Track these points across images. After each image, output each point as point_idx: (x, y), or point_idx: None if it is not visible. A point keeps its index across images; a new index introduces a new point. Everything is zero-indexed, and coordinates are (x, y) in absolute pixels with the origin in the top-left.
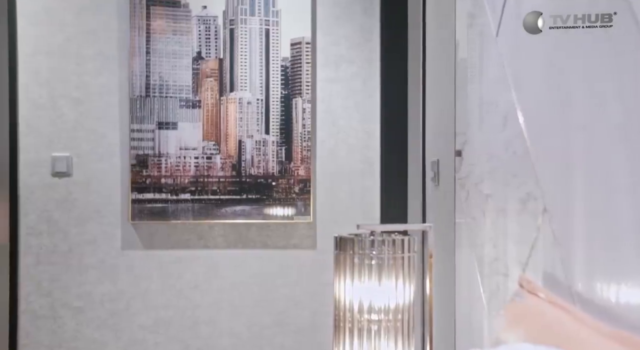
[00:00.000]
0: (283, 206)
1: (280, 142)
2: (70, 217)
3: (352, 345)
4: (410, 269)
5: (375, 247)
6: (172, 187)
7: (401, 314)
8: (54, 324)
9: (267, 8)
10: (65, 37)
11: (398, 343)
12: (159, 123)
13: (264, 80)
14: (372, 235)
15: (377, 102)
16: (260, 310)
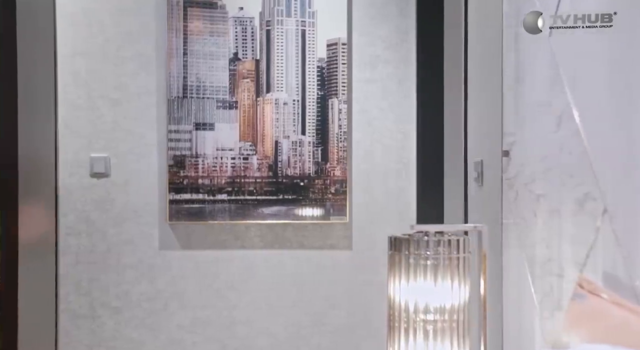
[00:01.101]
0: (319, 207)
1: (316, 142)
2: (109, 217)
3: (407, 345)
4: (466, 269)
5: (430, 248)
6: (209, 188)
7: (457, 315)
8: (92, 324)
9: (303, 9)
10: (104, 39)
11: (454, 343)
12: (196, 124)
13: (300, 81)
14: (427, 235)
15: (413, 103)
16: (297, 310)
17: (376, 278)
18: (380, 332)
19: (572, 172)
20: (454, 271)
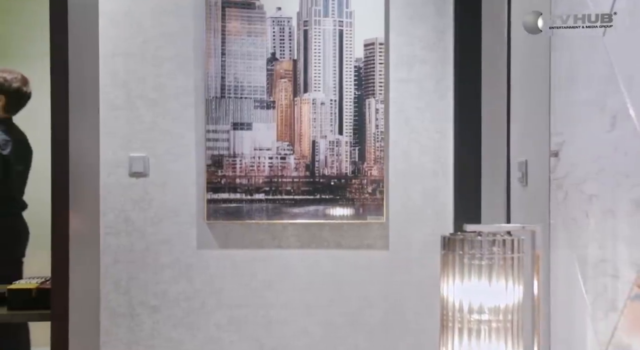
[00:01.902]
0: (356, 206)
1: (353, 142)
2: (147, 216)
3: (461, 345)
4: (520, 269)
5: (485, 248)
6: (247, 187)
7: (511, 315)
8: (131, 322)
9: (340, 9)
10: (143, 39)
11: (508, 344)
12: (233, 124)
13: (337, 81)
14: (480, 235)
15: (450, 102)
16: (334, 310)
17: (412, 278)
18: (416, 332)
19: (628, 172)
20: (508, 271)
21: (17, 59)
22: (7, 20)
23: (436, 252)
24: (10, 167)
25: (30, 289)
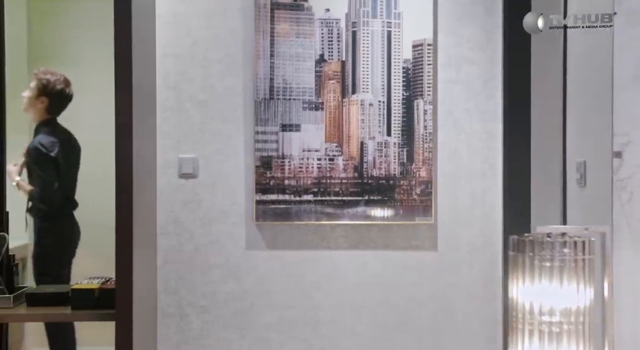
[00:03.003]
0: (404, 207)
1: (401, 143)
2: (196, 217)
3: (531, 347)
4: (591, 271)
5: (556, 249)
6: (295, 189)
7: (582, 317)
8: (180, 322)
9: (389, 10)
10: (192, 41)
11: (579, 346)
12: (282, 125)
13: (385, 82)
14: (549, 236)
15: (499, 103)
16: (382, 311)
17: (461, 279)
18: (465, 334)
19: None
20: (580, 273)
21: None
22: (47, 22)
23: (485, 253)
24: (60, 167)
25: (93, 289)
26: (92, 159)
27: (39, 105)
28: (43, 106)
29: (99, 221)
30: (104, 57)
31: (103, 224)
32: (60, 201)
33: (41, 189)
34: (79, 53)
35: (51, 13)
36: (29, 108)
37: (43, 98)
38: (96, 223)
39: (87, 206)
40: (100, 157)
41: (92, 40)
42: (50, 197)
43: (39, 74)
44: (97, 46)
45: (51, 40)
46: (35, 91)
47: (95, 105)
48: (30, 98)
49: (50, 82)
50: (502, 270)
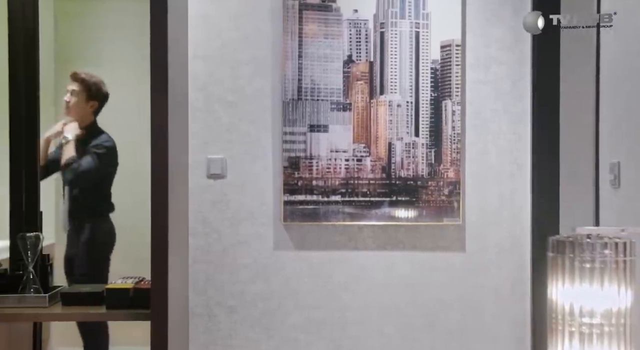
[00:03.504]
0: (432, 208)
1: (429, 144)
2: (224, 218)
3: (571, 349)
4: (631, 273)
5: (597, 251)
6: (323, 189)
7: (623, 319)
8: (209, 322)
9: (417, 11)
10: (221, 43)
11: (620, 348)
12: (310, 126)
13: (413, 82)
14: (589, 238)
15: (527, 104)
16: (410, 311)
17: (489, 280)
18: (493, 335)
19: None
20: (620, 275)
21: (82, 61)
22: (73, 23)
23: (513, 255)
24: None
25: (128, 288)
26: (121, 160)
27: (88, 109)
28: (92, 110)
29: (129, 222)
30: (128, 58)
31: (133, 224)
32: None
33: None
34: (104, 53)
35: (77, 14)
36: (76, 111)
37: (93, 102)
38: (126, 223)
39: (120, 206)
40: (129, 157)
41: (116, 40)
42: (78, 179)
43: (84, 76)
44: (122, 47)
45: (77, 41)
46: (84, 94)
47: (122, 106)
48: (78, 102)
49: (98, 85)
50: (530, 272)
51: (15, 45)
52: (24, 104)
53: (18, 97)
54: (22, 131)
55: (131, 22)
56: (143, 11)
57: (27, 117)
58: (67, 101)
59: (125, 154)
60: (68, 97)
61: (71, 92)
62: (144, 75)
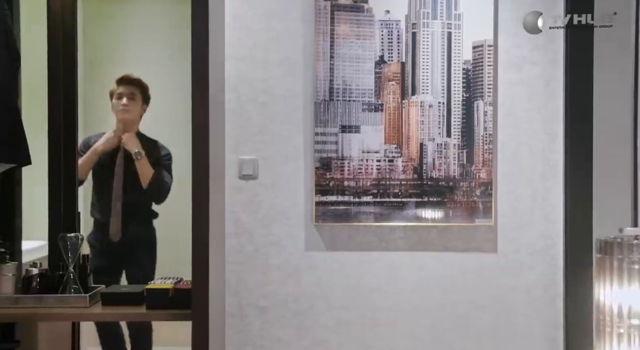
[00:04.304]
0: (464, 209)
1: (461, 145)
2: (256, 218)
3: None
4: None
5: None
6: (355, 190)
7: None
8: (240, 323)
9: (449, 11)
10: (252, 43)
11: None
12: (342, 126)
13: (445, 83)
14: (637, 239)
15: (560, 104)
16: (441, 313)
17: (521, 281)
18: (525, 336)
19: None
20: None
21: (110, 63)
22: (101, 25)
23: (545, 255)
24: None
25: (168, 289)
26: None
27: (142, 112)
28: (143, 113)
29: (163, 223)
30: (156, 59)
31: (168, 224)
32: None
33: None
34: (132, 55)
35: (104, 16)
36: (132, 117)
37: (145, 105)
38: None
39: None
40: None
41: (143, 42)
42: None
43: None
44: (150, 48)
45: (105, 42)
46: (140, 98)
47: (152, 108)
48: (136, 106)
49: (148, 89)
50: (563, 272)
51: (54, 46)
52: (62, 105)
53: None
54: (60, 133)
55: (158, 24)
56: (169, 13)
57: (65, 119)
58: (126, 105)
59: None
60: (126, 101)
61: (128, 95)
62: (173, 76)
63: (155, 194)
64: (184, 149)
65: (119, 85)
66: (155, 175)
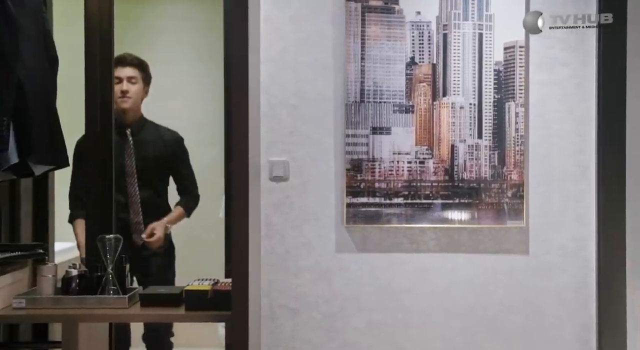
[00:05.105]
0: (495, 211)
1: (492, 146)
2: (287, 220)
3: None
4: None
5: None
6: (386, 192)
7: None
8: (272, 324)
9: (480, 12)
10: (282, 46)
11: None
12: (372, 128)
13: (476, 84)
14: None
15: (592, 105)
16: (472, 315)
17: (553, 283)
18: (557, 339)
19: None
20: None
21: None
22: (126, 26)
23: (577, 257)
24: None
25: (207, 290)
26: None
27: (144, 96)
28: (145, 96)
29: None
30: (180, 60)
31: (192, 224)
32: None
33: (192, 189)
34: (156, 56)
35: (129, 17)
36: (134, 104)
37: (147, 87)
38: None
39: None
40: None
41: (168, 43)
42: (197, 197)
43: (138, 58)
44: (173, 49)
45: (129, 44)
46: (140, 80)
47: (175, 108)
48: (138, 91)
49: (148, 68)
50: (596, 274)
51: (92, 48)
52: (100, 107)
53: (94, 100)
54: (97, 131)
55: (182, 25)
56: (192, 15)
57: (101, 118)
58: (125, 92)
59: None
60: (126, 86)
61: (127, 79)
62: (196, 77)
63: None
64: (206, 149)
65: (116, 67)
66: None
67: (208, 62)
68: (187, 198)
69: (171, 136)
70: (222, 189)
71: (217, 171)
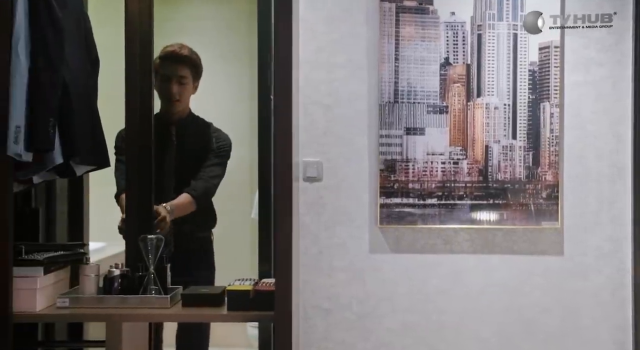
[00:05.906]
0: (530, 211)
1: (527, 147)
2: (320, 220)
3: None
4: None
5: None
6: (419, 192)
7: None
8: (305, 325)
9: (515, 12)
10: (316, 46)
11: None
12: (406, 128)
13: (511, 85)
14: None
15: (628, 105)
16: (507, 316)
17: (588, 284)
18: (593, 340)
19: None
20: None
21: None
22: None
23: (613, 259)
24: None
25: (248, 290)
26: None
27: (194, 92)
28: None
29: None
30: (210, 60)
31: (221, 224)
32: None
33: (208, 181)
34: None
35: (162, 18)
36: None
37: (197, 82)
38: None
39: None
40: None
41: (198, 44)
42: (210, 190)
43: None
44: (203, 50)
45: (161, 43)
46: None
47: (203, 108)
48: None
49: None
50: (632, 276)
51: (132, 49)
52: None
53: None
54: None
55: (209, 25)
56: (219, 15)
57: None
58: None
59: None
60: (176, 87)
61: (179, 78)
62: (223, 77)
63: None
64: (235, 150)
65: (163, 62)
66: (195, 197)
67: (234, 62)
68: (197, 185)
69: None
70: (250, 189)
71: (245, 171)
